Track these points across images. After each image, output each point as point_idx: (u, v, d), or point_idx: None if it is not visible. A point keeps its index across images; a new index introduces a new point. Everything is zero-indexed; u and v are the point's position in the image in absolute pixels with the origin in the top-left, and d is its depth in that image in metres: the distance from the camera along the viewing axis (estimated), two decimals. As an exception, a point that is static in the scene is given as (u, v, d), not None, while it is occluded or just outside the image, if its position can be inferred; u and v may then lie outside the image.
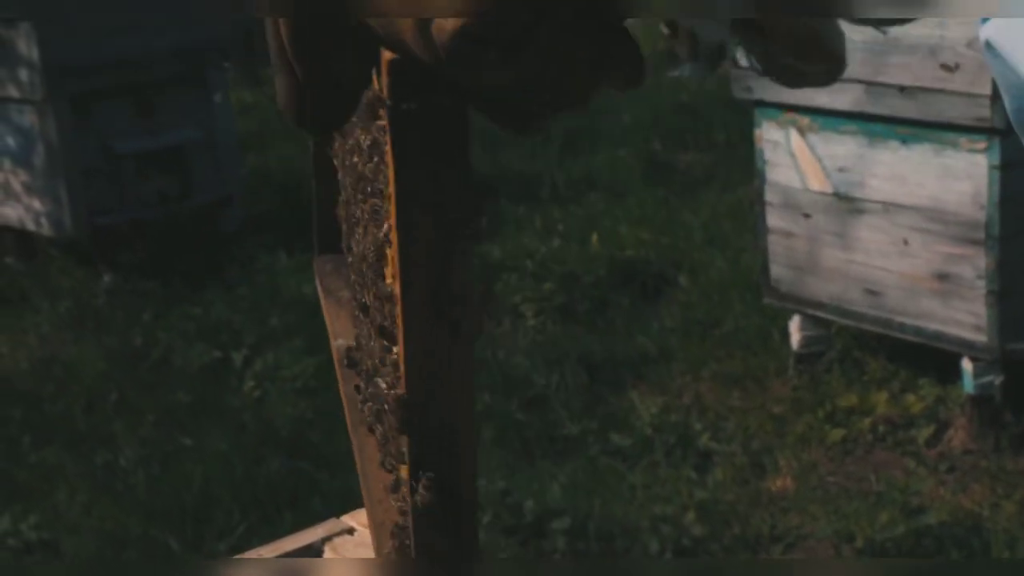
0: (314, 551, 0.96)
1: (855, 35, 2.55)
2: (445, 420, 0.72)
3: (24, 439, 3.99)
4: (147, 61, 5.02)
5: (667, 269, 4.77)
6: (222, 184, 5.34)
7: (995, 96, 3.10)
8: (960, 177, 3.28)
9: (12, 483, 3.75)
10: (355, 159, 0.76)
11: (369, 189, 0.73)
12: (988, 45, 0.73)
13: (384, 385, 0.76)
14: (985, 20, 0.73)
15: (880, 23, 0.66)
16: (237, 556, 0.97)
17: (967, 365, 3.35)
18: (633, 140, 6.23)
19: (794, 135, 3.66)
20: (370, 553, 0.83)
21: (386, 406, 0.75)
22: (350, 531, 0.98)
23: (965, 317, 3.34)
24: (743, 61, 0.67)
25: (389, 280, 0.71)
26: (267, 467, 3.69)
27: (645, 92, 6.47)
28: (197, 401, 4.11)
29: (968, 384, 3.35)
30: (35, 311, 4.95)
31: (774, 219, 3.79)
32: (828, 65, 0.65)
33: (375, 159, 0.71)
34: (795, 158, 3.68)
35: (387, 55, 0.59)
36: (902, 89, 3.27)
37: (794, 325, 3.82)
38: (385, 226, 0.70)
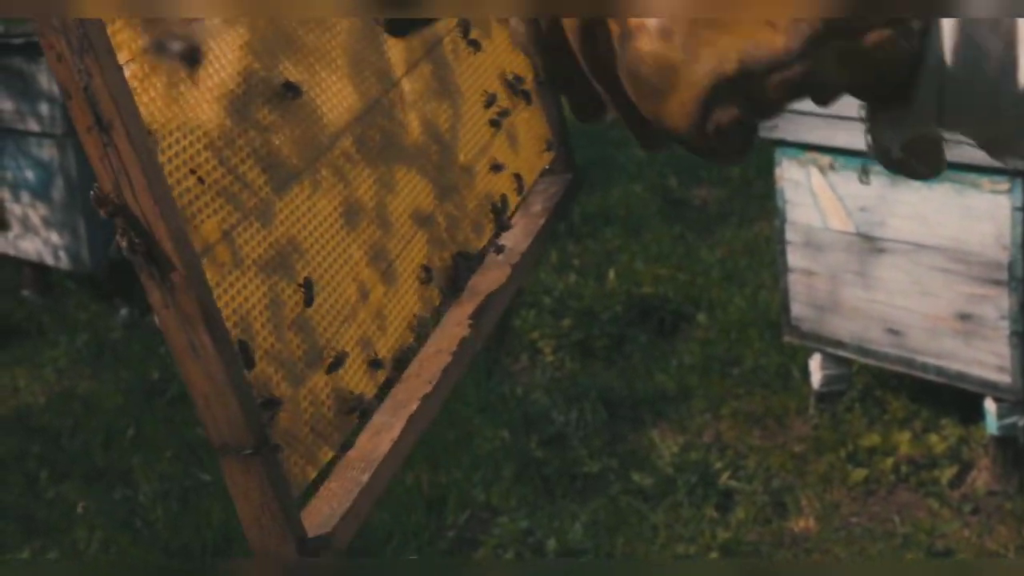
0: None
1: None
2: None
3: (42, 474, 3.98)
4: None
5: (685, 306, 4.77)
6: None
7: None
8: (983, 218, 3.28)
9: (31, 519, 3.74)
10: None
11: None
12: None
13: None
14: None
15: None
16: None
17: (990, 406, 3.34)
18: (648, 175, 6.24)
19: (815, 174, 3.66)
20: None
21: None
22: None
23: (988, 358, 3.33)
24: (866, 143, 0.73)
25: None
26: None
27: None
28: (215, 437, 4.11)
29: (992, 425, 3.34)
30: (52, 345, 4.96)
31: (795, 258, 3.78)
32: (937, 167, 0.71)
33: None
34: (816, 197, 3.68)
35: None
36: (925, 130, 3.28)
37: (815, 363, 3.82)
38: None
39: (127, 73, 0.90)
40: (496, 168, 1.36)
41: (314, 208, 1.06)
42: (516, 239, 1.35)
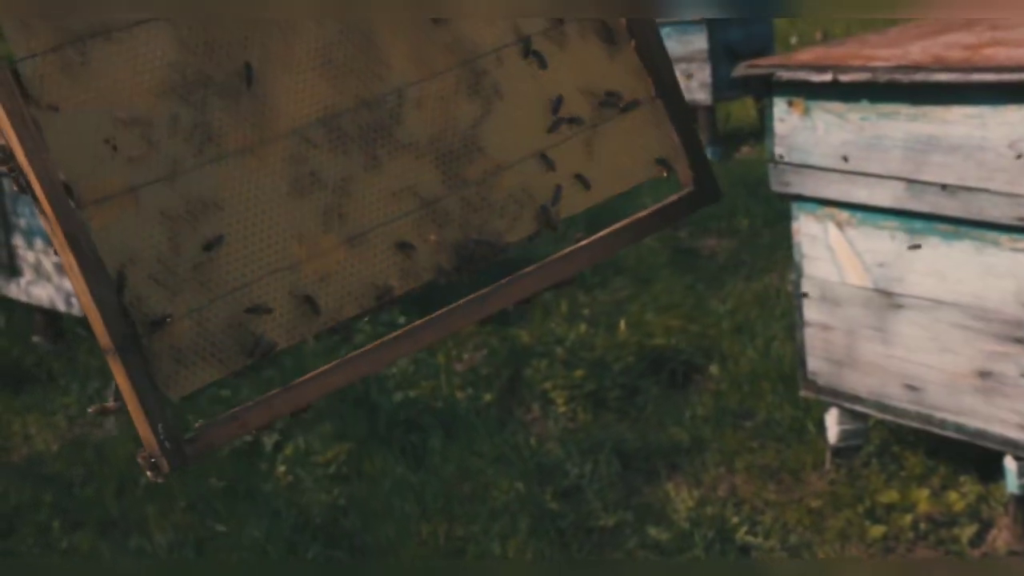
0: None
1: (896, 132, 2.66)
2: None
3: (54, 524, 3.97)
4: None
5: (696, 357, 4.77)
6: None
7: (1039, 197, 3.14)
8: (1002, 275, 3.30)
9: (44, 570, 3.72)
10: None
11: None
12: None
13: None
14: None
15: None
16: None
17: (1010, 464, 3.34)
18: (656, 225, 6.25)
19: (832, 229, 3.68)
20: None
21: None
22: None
23: (1008, 415, 3.34)
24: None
25: None
26: (302, 555, 3.67)
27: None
28: (229, 486, 4.10)
29: (1012, 483, 3.34)
30: (64, 392, 4.95)
31: (811, 312, 3.80)
32: None
33: None
34: (833, 252, 3.70)
35: None
36: (944, 187, 3.30)
37: (831, 418, 3.82)
38: None
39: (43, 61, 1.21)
40: (548, 165, 1.45)
41: (251, 178, 1.30)
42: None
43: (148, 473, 1.25)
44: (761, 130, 7.73)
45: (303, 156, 1.35)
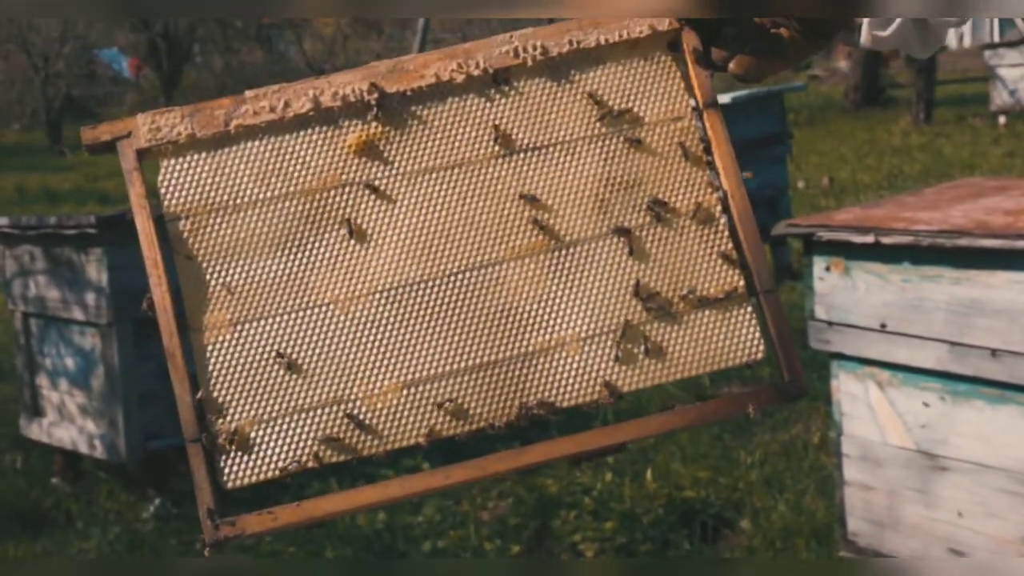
0: None
1: (939, 295, 2.63)
2: None
3: (77, 677, 3.87)
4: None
5: (727, 510, 4.73)
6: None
7: (1087, 364, 3.14)
8: (1050, 441, 3.28)
9: None
10: None
11: None
12: None
13: None
14: None
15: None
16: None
17: (1062, 633, 3.28)
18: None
19: (873, 389, 3.67)
20: None
21: None
22: None
23: (1059, 583, 3.29)
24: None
25: None
26: None
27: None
28: (256, 641, 4.01)
29: (1064, 653, 3.28)
30: (83, 536, 4.87)
31: (851, 471, 3.77)
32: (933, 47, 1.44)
33: None
34: (874, 411, 3.69)
35: None
36: (993, 352, 3.31)
37: (872, 580, 3.76)
38: None
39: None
40: (622, 341, 1.55)
41: (332, 325, 1.52)
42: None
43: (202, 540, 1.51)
44: (777, 272, 7.78)
45: (382, 314, 1.53)
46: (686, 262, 1.57)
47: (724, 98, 7.58)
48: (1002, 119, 15.87)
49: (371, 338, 1.52)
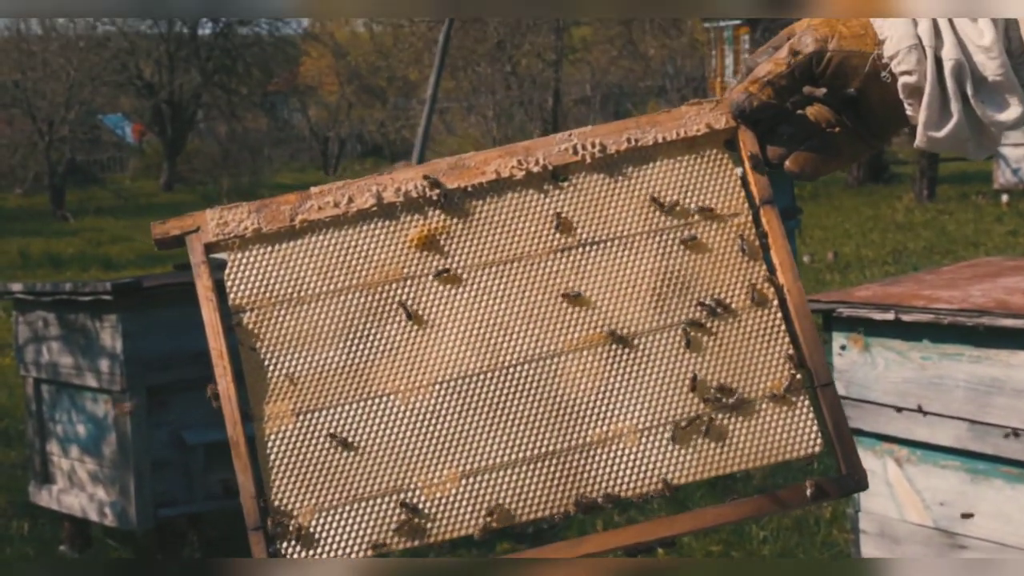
0: None
1: (958, 373, 2.64)
2: None
3: None
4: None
5: (740, 586, 4.70)
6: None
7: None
8: (1071, 520, 3.28)
9: None
10: None
11: None
12: None
13: None
14: None
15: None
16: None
17: None
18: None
19: (891, 465, 3.67)
20: None
21: None
22: None
23: (1082, 665, 3.26)
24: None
25: None
26: None
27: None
28: None
29: None
30: (91, 605, 4.84)
31: (869, 547, 3.76)
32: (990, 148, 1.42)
33: None
34: (892, 488, 3.69)
35: None
36: (1016, 433, 3.31)
37: (891, 659, 3.73)
38: None
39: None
40: (677, 435, 1.55)
41: (391, 415, 1.55)
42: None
43: None
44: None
45: (442, 405, 1.55)
46: (743, 356, 1.57)
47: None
48: (1005, 197, 15.98)
49: (431, 428, 1.54)
